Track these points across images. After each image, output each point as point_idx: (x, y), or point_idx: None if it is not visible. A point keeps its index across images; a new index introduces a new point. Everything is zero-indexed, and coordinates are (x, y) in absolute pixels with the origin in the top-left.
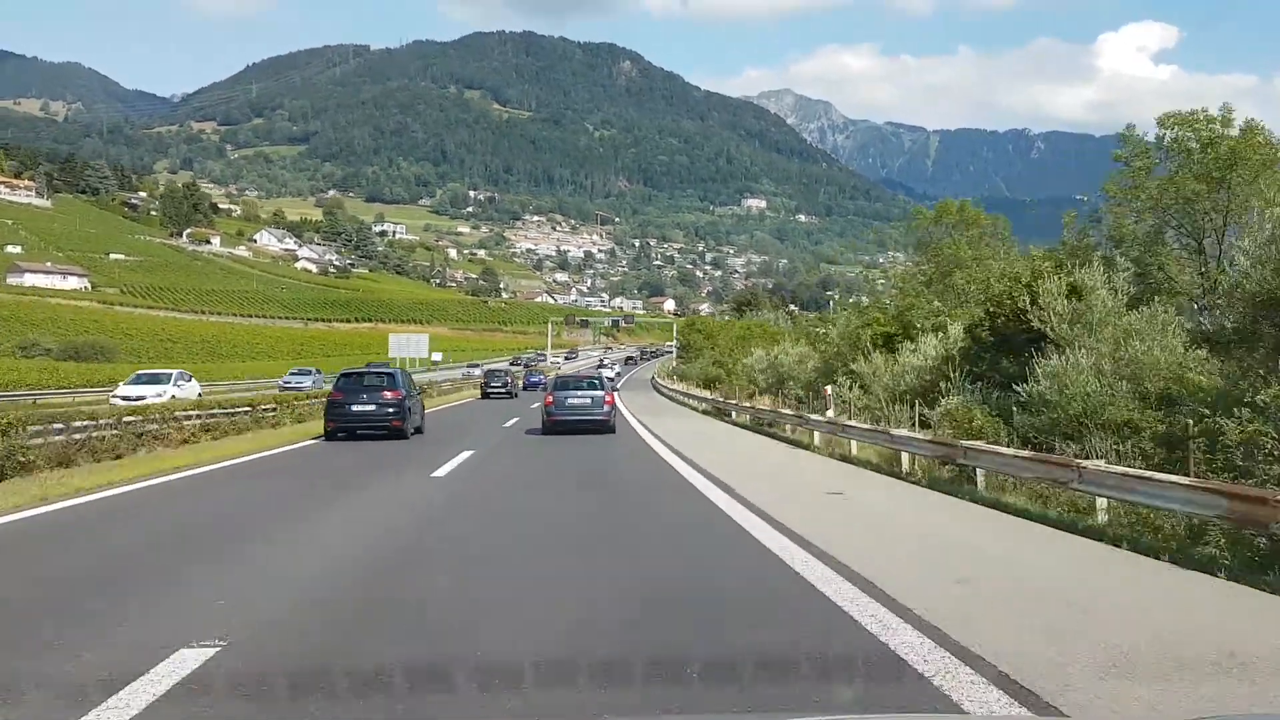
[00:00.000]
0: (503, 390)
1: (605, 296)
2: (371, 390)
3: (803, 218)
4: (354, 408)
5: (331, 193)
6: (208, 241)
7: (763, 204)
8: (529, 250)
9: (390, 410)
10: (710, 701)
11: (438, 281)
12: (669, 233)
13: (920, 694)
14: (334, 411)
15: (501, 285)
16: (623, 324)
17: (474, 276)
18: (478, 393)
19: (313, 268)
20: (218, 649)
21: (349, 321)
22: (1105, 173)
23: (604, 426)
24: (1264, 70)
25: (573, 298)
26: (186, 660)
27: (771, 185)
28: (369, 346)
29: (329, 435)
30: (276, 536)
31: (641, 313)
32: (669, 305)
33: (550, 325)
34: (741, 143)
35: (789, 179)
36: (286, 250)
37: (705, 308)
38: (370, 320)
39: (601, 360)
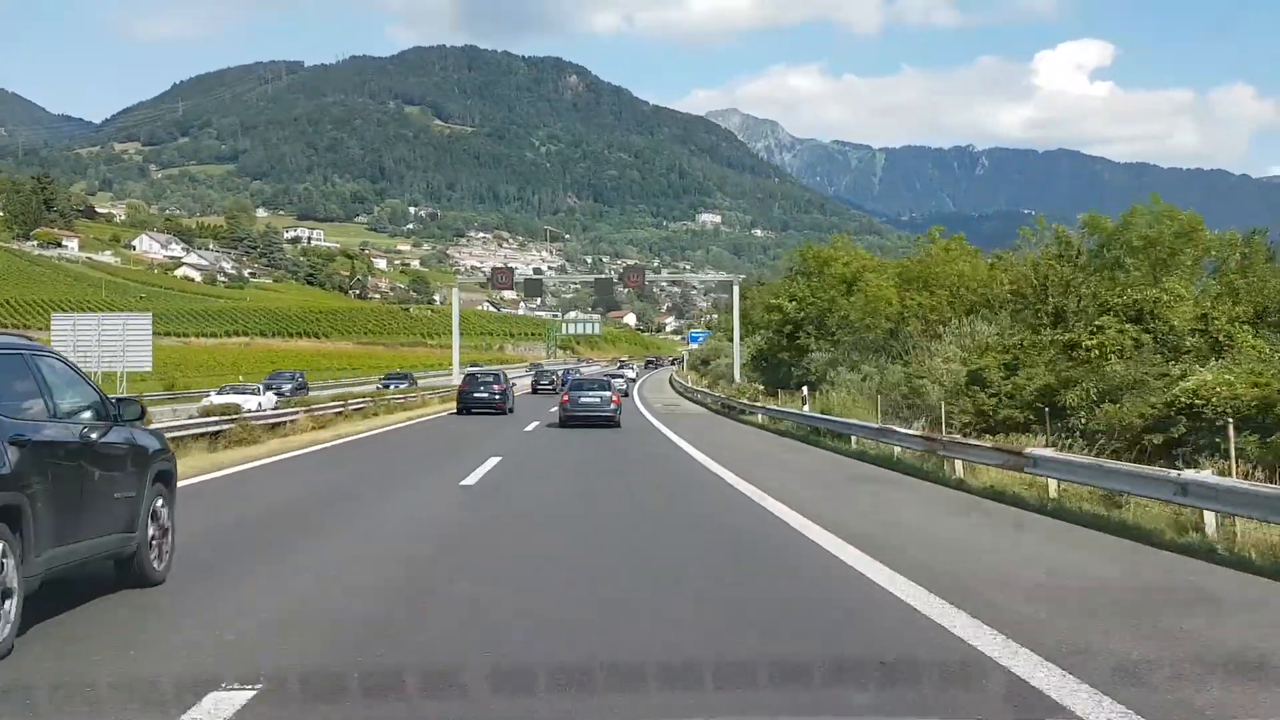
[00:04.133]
0: (549, 387)
1: (559, 313)
2: (486, 384)
3: (759, 232)
4: (475, 394)
5: (260, 211)
6: (59, 245)
7: (718, 219)
8: (474, 268)
9: (497, 396)
10: None
11: (358, 293)
12: (622, 249)
13: None
14: (463, 396)
15: (438, 299)
16: (585, 330)
17: (403, 286)
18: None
19: (196, 276)
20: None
21: (215, 336)
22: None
23: (610, 422)
24: (1200, 84)
25: (520, 313)
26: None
27: (726, 200)
28: (237, 364)
29: (459, 411)
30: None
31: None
32: (630, 319)
33: (461, 309)
34: (693, 158)
35: (743, 194)
36: (171, 257)
37: (670, 322)
38: (245, 334)
39: (621, 362)
